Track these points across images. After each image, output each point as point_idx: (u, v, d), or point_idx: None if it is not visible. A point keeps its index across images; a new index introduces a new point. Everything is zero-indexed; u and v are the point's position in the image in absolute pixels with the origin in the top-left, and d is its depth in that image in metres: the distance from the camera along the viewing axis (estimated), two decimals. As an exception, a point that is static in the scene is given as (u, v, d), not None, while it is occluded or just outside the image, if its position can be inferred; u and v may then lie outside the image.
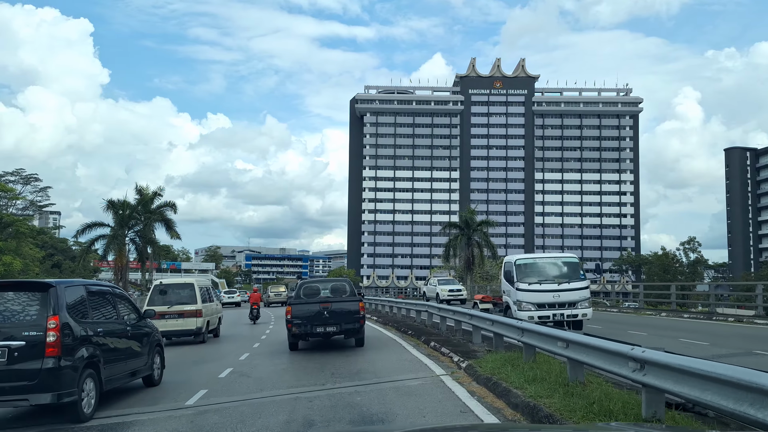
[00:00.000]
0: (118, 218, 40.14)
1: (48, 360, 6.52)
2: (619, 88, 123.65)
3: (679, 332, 15.05)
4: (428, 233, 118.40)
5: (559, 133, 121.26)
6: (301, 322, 12.95)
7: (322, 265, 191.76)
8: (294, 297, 13.96)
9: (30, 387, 6.46)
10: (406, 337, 15.73)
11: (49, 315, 6.67)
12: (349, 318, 13.14)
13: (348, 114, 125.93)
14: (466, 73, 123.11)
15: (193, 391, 8.56)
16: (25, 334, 6.58)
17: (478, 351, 10.95)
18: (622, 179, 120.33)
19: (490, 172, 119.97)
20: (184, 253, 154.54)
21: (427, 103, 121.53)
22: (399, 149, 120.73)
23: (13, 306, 6.87)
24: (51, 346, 6.56)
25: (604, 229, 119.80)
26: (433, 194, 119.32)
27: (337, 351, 13.13)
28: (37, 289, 7.04)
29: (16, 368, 6.45)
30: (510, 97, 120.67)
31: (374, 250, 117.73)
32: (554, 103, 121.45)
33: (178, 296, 15.91)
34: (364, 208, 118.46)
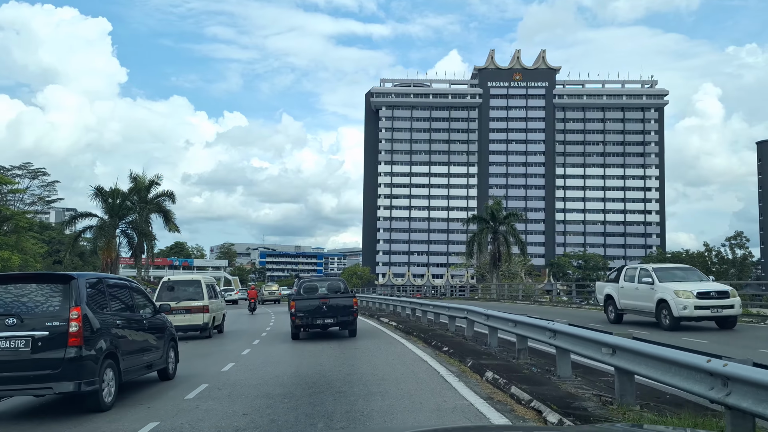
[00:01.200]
0: (107, 208, 36.26)
1: (70, 349, 6.81)
2: (643, 80, 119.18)
3: (747, 341, 12.30)
4: (445, 230, 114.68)
5: (581, 127, 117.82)
6: (303, 315, 15.02)
7: (336, 262, 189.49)
8: (295, 294, 16.23)
9: (53, 375, 6.74)
10: (442, 356, 10.88)
11: (71, 306, 6.95)
12: (344, 312, 15.18)
13: (363, 108, 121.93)
14: (484, 66, 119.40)
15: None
16: (48, 324, 6.85)
17: (583, 399, 6.18)
18: (647, 174, 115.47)
19: (509, 167, 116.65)
20: (198, 251, 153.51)
21: (444, 97, 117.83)
22: (415, 144, 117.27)
23: (36, 297, 7.16)
24: (73, 336, 6.83)
25: (628, 226, 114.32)
26: (450, 190, 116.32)
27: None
28: (59, 281, 7.33)
29: (39, 357, 6.74)
30: (530, 89, 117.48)
31: (390, 248, 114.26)
32: (576, 95, 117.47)
33: (186, 292, 16.47)
34: (380, 204, 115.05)
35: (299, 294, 15.72)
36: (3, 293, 7.09)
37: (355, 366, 10.04)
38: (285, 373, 9.53)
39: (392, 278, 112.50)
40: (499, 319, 10.62)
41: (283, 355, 12.38)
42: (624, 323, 15.51)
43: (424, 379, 8.53)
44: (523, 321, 9.25)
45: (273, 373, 9.53)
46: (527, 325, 9.03)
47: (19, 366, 6.65)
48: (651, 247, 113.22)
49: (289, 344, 14.38)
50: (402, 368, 9.65)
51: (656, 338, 6.90)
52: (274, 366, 10.50)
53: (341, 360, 10.95)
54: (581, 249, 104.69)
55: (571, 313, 21.56)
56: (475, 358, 9.58)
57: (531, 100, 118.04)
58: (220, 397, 7.68)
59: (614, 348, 6.00)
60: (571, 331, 7.21)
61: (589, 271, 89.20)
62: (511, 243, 44.18)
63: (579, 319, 13.92)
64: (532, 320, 8.95)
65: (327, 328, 15.46)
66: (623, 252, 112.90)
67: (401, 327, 17.29)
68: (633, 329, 11.58)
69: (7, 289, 7.14)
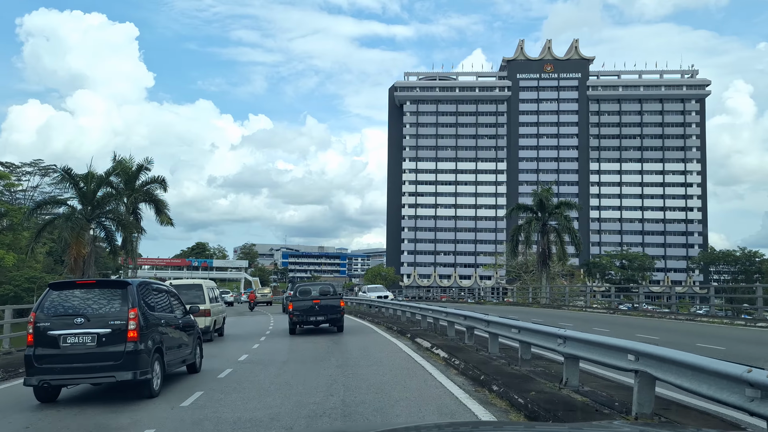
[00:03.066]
0: (79, 194, 30.84)
1: (129, 344, 8.40)
2: (683, 70, 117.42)
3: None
4: (473, 229, 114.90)
5: (617, 120, 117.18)
6: (299, 313, 18.88)
7: (360, 263, 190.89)
8: (292, 296, 19.98)
9: (116, 366, 8.32)
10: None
11: (129, 307, 8.56)
12: (333, 311, 18.93)
13: (386, 109, 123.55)
14: (513, 57, 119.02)
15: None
16: (111, 323, 8.46)
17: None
18: (688, 170, 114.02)
19: (540, 163, 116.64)
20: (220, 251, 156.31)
21: (472, 90, 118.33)
22: (441, 140, 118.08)
23: (99, 300, 8.76)
24: (131, 332, 8.43)
25: (667, 224, 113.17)
26: (477, 187, 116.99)
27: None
28: (117, 286, 9.01)
29: (104, 351, 8.37)
30: (562, 81, 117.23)
31: (415, 247, 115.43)
32: (611, 86, 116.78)
33: (187, 296, 17.09)
34: (404, 202, 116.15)
35: (295, 296, 19.38)
36: (71, 297, 8.77)
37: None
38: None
39: (418, 279, 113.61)
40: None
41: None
42: None
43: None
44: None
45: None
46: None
47: (87, 358, 8.36)
48: (692, 246, 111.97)
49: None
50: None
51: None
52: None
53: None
54: (617, 248, 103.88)
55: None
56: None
57: (563, 92, 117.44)
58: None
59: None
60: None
61: (633, 272, 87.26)
62: (564, 237, 39.25)
63: None
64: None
65: (319, 325, 19.34)
66: (662, 251, 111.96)
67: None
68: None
69: (73, 294, 8.85)
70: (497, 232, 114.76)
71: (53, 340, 8.32)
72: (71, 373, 8.35)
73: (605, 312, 27.39)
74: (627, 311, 28.43)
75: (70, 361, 8.29)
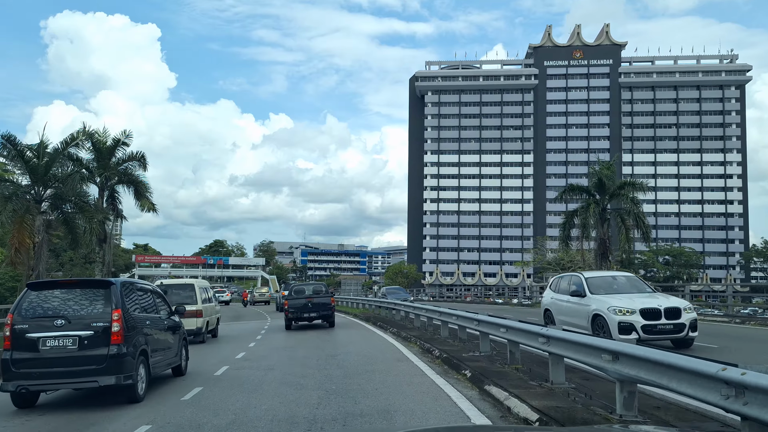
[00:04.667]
0: (28, 169, 26.11)
1: (113, 347, 8.22)
2: (722, 55, 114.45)
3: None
4: (498, 225, 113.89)
5: (651, 108, 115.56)
6: (294, 310, 21.59)
7: (380, 261, 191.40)
8: (288, 294, 23.17)
9: (98, 370, 8.14)
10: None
11: (113, 308, 8.38)
12: (325, 308, 21.68)
13: (407, 107, 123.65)
14: (540, 43, 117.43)
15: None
16: (93, 325, 8.28)
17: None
18: (728, 160, 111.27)
19: (569, 154, 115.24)
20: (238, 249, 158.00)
21: (496, 78, 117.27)
22: (464, 131, 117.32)
23: (81, 301, 8.59)
24: (115, 335, 8.25)
25: (706, 218, 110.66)
26: (503, 181, 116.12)
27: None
28: (100, 286, 8.87)
29: (86, 354, 8.18)
30: (592, 68, 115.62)
31: (437, 244, 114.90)
32: (645, 73, 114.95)
33: (179, 296, 17.17)
34: (426, 197, 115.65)
35: (291, 295, 22.30)
36: (50, 298, 8.61)
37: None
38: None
39: (440, 277, 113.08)
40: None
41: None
42: None
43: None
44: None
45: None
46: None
47: (68, 362, 8.18)
48: (733, 242, 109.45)
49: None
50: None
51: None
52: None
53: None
54: (653, 243, 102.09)
55: None
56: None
57: (593, 80, 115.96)
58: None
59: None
60: None
61: (679, 269, 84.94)
62: (630, 223, 34.69)
63: None
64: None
65: (312, 321, 21.98)
66: (701, 247, 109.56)
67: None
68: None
69: (54, 294, 8.68)
70: (524, 227, 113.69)
71: (32, 344, 8.15)
72: (51, 378, 8.19)
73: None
74: None
75: (50, 365, 8.12)
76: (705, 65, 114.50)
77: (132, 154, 32.30)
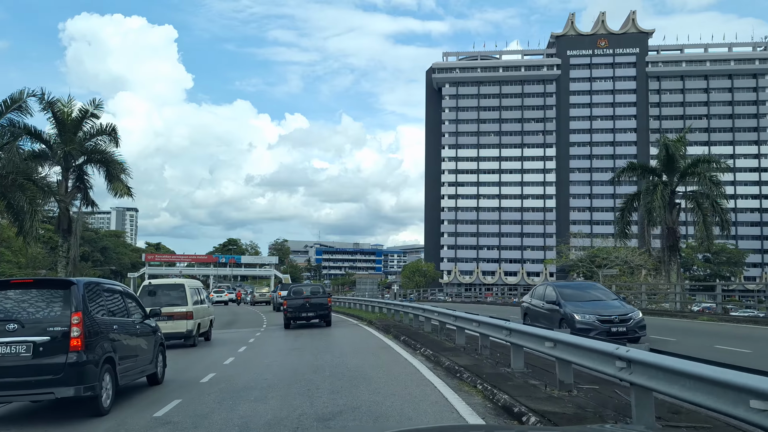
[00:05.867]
0: None
1: (72, 355, 7.61)
2: (755, 42, 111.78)
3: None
4: (519, 221, 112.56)
5: (680, 99, 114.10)
6: (293, 310, 22.86)
7: (396, 259, 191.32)
8: (287, 295, 24.64)
9: (55, 381, 7.53)
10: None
11: (72, 311, 7.77)
12: (322, 308, 23.02)
13: (423, 95, 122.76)
14: (563, 32, 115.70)
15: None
16: (50, 330, 7.67)
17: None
18: (762, 153, 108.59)
19: (593, 147, 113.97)
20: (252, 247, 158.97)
21: (517, 69, 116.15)
22: (483, 124, 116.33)
23: (37, 303, 7.96)
24: (75, 341, 7.65)
25: (739, 213, 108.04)
26: (524, 176, 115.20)
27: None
28: (59, 286, 8.20)
29: (41, 362, 7.55)
30: (618, 57, 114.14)
31: (455, 242, 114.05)
32: (673, 62, 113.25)
33: (168, 297, 17.05)
34: (444, 193, 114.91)
35: (290, 295, 23.71)
36: (3, 299, 7.95)
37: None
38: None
39: (459, 276, 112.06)
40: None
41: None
42: None
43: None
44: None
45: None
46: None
47: (20, 371, 7.49)
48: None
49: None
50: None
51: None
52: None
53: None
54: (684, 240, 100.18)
55: None
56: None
57: (619, 69, 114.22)
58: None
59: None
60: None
61: (720, 266, 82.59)
62: (706, 209, 29.45)
63: None
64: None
65: (309, 320, 23.28)
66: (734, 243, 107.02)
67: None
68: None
69: (7, 295, 8.01)
70: (546, 224, 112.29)
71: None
72: (1, 390, 7.54)
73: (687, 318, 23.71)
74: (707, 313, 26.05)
75: (0, 375, 7.48)
76: (737, 53, 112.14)
77: (101, 128, 27.86)
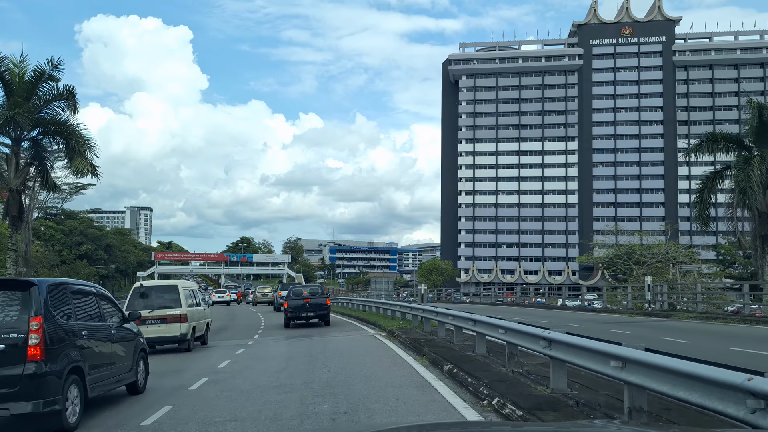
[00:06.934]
0: None
1: (30, 365, 6.90)
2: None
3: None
4: (539, 218, 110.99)
5: (710, 89, 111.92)
6: (293, 310, 24.14)
7: (411, 258, 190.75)
8: (286, 295, 25.93)
9: (10, 395, 6.78)
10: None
11: (31, 316, 7.07)
12: (321, 308, 24.27)
13: (436, 91, 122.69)
14: (585, 21, 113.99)
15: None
16: (5, 337, 6.97)
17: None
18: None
19: (618, 140, 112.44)
20: (266, 246, 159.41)
21: (537, 60, 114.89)
22: (502, 117, 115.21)
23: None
24: (33, 349, 6.94)
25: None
26: (545, 170, 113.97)
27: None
28: (17, 288, 7.50)
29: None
30: (643, 46, 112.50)
31: (473, 239, 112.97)
32: (702, 50, 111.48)
33: (161, 300, 16.82)
34: (461, 189, 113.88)
35: (289, 296, 24.91)
36: None
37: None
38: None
39: (477, 274, 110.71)
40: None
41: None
42: None
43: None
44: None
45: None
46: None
47: None
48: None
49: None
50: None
51: None
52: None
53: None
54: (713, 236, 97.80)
55: None
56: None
57: (645, 59, 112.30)
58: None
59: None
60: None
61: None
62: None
63: None
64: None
65: (309, 320, 24.54)
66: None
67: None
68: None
69: None
70: (568, 221, 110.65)
71: None
72: None
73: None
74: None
75: None
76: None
77: (57, 91, 23.92)
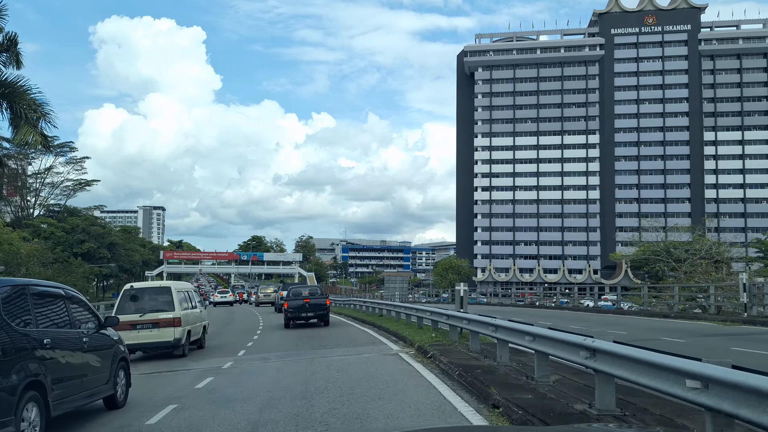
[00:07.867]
0: None
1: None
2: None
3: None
4: (559, 214, 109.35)
5: (737, 79, 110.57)
6: (293, 310, 25.08)
7: (425, 257, 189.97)
8: (286, 296, 26.77)
9: None
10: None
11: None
12: (320, 308, 25.20)
13: (451, 90, 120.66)
14: (606, 9, 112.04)
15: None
16: None
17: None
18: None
19: (641, 133, 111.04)
20: (277, 245, 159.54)
21: (556, 50, 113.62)
22: (519, 110, 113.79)
23: None
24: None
25: None
26: (564, 165, 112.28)
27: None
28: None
29: None
30: (667, 35, 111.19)
31: (490, 237, 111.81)
32: (729, 39, 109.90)
33: (153, 303, 16.24)
34: (477, 185, 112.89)
35: (289, 296, 25.62)
36: None
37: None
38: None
39: (494, 273, 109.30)
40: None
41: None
42: None
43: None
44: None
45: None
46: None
47: None
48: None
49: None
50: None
51: None
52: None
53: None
54: (741, 232, 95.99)
55: None
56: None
57: (669, 48, 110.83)
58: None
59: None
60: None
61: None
62: None
63: None
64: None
65: (308, 320, 25.33)
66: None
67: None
68: None
69: None
70: (589, 217, 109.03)
71: None
72: None
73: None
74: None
75: None
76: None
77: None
